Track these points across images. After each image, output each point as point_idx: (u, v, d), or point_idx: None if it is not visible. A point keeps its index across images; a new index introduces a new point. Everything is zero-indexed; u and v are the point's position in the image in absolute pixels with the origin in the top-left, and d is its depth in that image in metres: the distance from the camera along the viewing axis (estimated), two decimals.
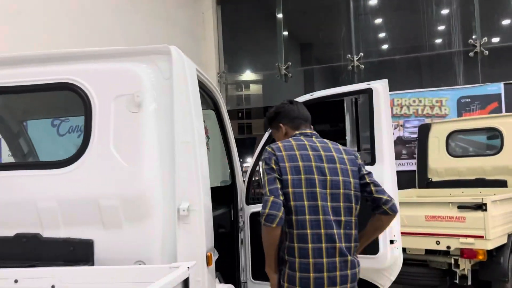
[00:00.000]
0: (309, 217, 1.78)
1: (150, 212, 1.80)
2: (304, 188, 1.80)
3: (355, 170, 1.91)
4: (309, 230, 1.77)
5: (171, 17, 7.27)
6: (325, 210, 1.80)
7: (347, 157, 1.92)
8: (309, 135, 1.97)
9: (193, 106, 1.90)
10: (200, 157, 1.88)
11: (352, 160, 1.92)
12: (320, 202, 1.80)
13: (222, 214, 2.88)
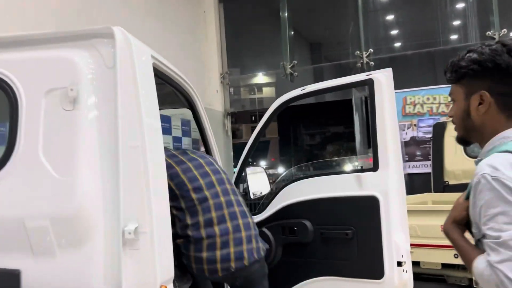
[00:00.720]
0: None
1: (88, 235, 1.43)
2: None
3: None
4: None
5: (170, 16, 6.94)
6: None
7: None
8: None
9: (145, 101, 1.52)
10: (154, 165, 1.50)
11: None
12: None
13: None
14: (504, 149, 1.12)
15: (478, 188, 1.09)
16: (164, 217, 1.54)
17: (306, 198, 2.26)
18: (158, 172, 1.54)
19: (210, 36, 8.08)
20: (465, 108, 1.23)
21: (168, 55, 6.42)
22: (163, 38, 6.57)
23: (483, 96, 1.19)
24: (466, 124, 1.24)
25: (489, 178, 1.06)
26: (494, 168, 1.08)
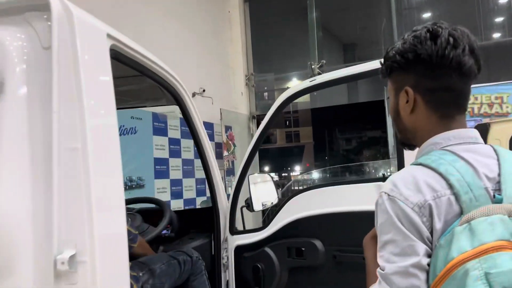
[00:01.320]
0: None
1: (8, 268, 1.10)
2: None
3: None
4: None
5: (193, 16, 6.68)
6: None
7: None
8: None
9: (91, 93, 1.18)
10: (101, 174, 1.16)
11: None
12: None
13: (200, 248, 2.14)
14: (419, 161, 0.94)
15: (376, 208, 0.94)
16: (114, 240, 1.20)
17: (316, 212, 1.86)
18: (107, 182, 1.19)
19: (235, 37, 7.78)
20: (395, 107, 1.06)
21: (190, 57, 6.20)
22: (186, 40, 6.31)
23: (408, 93, 1.00)
24: (398, 124, 1.07)
25: (385, 197, 0.91)
26: (394, 185, 0.91)
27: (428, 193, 0.87)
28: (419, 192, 0.87)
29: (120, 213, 1.23)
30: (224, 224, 2.12)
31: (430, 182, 0.88)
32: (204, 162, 2.06)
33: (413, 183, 0.89)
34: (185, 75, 6.24)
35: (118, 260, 1.20)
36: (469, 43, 0.95)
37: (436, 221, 0.85)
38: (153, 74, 1.68)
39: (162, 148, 5.72)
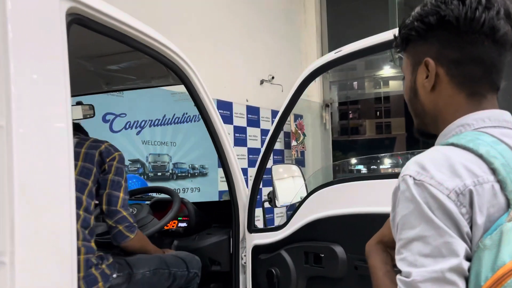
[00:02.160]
0: None
1: None
2: None
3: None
4: None
5: (268, 0, 6.45)
6: None
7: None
8: None
9: (21, 63, 1.00)
10: (27, 158, 0.98)
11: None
12: None
13: (217, 245, 1.92)
14: (450, 141, 0.76)
15: (397, 197, 0.74)
16: (47, 238, 1.00)
17: (340, 212, 1.53)
18: (40, 169, 1.00)
19: (309, 20, 7.41)
20: (412, 86, 0.88)
21: (259, 42, 5.97)
22: (254, 24, 6.11)
23: (428, 65, 0.82)
24: (414, 106, 0.88)
25: (411, 182, 0.71)
26: (421, 167, 0.72)
27: (467, 177, 0.69)
28: (456, 176, 0.69)
29: (60, 206, 1.03)
30: (243, 221, 1.87)
31: (468, 165, 0.70)
32: (219, 149, 1.82)
33: (447, 164, 0.70)
34: (253, 61, 6.09)
35: (53, 262, 1.01)
36: (505, 6, 0.78)
37: (478, 214, 0.68)
38: (145, 48, 1.47)
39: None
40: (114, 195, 1.61)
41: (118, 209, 1.61)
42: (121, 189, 1.64)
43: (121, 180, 1.65)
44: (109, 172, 1.63)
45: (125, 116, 4.43)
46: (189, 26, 5.03)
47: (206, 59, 5.22)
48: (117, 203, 1.61)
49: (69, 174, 1.07)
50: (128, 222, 1.63)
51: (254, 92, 6.01)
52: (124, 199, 1.64)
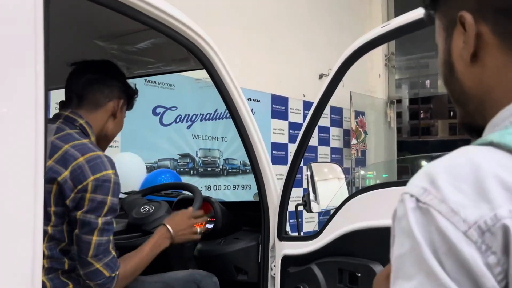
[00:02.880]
0: None
1: None
2: None
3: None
4: None
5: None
6: None
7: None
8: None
9: None
10: None
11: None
12: None
13: (244, 251, 1.70)
14: (490, 138, 0.47)
15: (393, 224, 0.48)
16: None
17: (381, 223, 1.24)
18: None
19: (374, 12, 6.97)
20: (445, 58, 0.57)
21: (319, 34, 5.69)
22: (313, 15, 5.82)
23: (465, 23, 0.52)
24: (452, 90, 0.58)
25: (410, 205, 0.45)
26: (431, 181, 0.45)
27: (504, 202, 0.42)
28: (484, 199, 0.42)
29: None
30: (273, 226, 1.63)
31: (510, 181, 0.42)
32: (247, 146, 1.59)
33: (473, 179, 0.43)
34: (312, 54, 5.79)
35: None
36: None
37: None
38: (157, 24, 1.27)
39: (281, 133, 5.36)
40: (85, 240, 1.21)
41: (89, 259, 1.22)
42: (95, 231, 1.21)
43: (98, 216, 1.21)
44: (78, 208, 1.21)
45: (176, 109, 4.34)
46: (245, 17, 4.85)
47: (261, 52, 5.02)
48: (88, 251, 1.21)
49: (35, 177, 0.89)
50: (101, 279, 1.23)
51: (312, 87, 5.71)
52: (99, 244, 1.22)
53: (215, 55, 1.46)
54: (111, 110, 1.40)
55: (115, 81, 1.42)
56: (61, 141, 1.26)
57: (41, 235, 0.87)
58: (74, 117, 1.33)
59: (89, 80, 1.38)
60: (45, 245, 1.22)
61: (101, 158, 1.24)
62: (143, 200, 1.76)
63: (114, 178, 1.24)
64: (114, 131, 1.45)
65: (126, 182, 2.66)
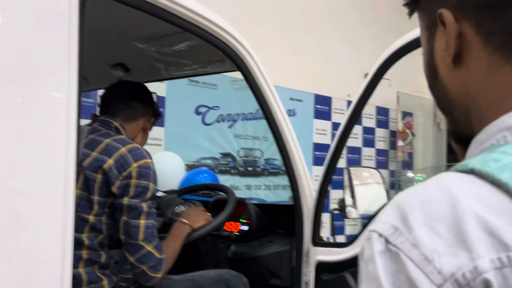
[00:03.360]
0: None
1: None
2: None
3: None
4: None
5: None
6: None
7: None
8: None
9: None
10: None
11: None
12: None
13: (277, 256, 1.68)
14: (471, 165, 0.38)
15: (360, 265, 0.41)
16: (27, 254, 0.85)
17: None
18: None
19: None
20: (428, 61, 0.52)
21: (365, 33, 5.55)
22: (359, 14, 5.69)
23: (445, 21, 0.46)
24: (437, 96, 0.53)
25: (378, 247, 0.38)
26: (402, 217, 0.38)
27: (486, 250, 0.35)
28: (463, 245, 0.35)
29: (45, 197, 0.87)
30: (307, 231, 1.59)
31: (494, 222, 0.35)
32: (281, 147, 1.56)
33: (450, 220, 0.36)
34: (357, 53, 5.67)
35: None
36: None
37: None
38: (192, 26, 1.27)
39: (324, 133, 5.28)
40: (133, 224, 1.28)
41: (140, 243, 1.28)
42: (142, 214, 1.28)
43: (142, 201, 1.29)
44: (124, 195, 1.28)
45: (218, 109, 4.37)
46: (288, 15, 4.81)
47: (304, 51, 4.97)
48: (137, 235, 1.28)
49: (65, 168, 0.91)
50: (153, 260, 1.29)
51: (356, 87, 5.55)
52: (147, 227, 1.29)
53: (249, 57, 1.44)
54: (142, 125, 1.53)
55: (148, 101, 1.55)
56: (101, 137, 1.36)
57: (71, 226, 0.89)
58: (109, 120, 1.44)
59: (126, 97, 1.51)
60: (86, 235, 1.29)
61: (140, 149, 1.35)
62: (178, 200, 1.78)
63: (152, 167, 1.35)
64: (141, 143, 1.56)
65: (164, 181, 2.71)
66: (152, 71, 1.77)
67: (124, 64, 1.76)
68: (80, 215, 1.27)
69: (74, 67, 0.92)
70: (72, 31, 0.92)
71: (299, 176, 1.60)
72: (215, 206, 1.83)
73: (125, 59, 1.76)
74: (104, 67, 1.82)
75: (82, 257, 1.27)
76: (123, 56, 1.74)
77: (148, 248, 1.28)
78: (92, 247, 1.29)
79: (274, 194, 4.71)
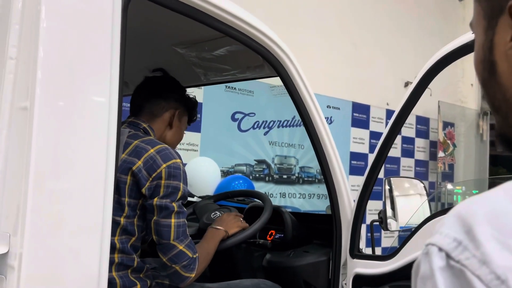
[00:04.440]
0: None
1: None
2: None
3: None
4: None
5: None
6: None
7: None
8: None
9: (52, 41, 0.87)
10: (48, 142, 0.84)
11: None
12: None
13: (314, 266, 1.64)
14: None
15: (415, 282, 0.37)
16: (68, 240, 0.85)
17: None
18: (65, 157, 0.86)
19: (468, 15, 6.49)
20: (485, 55, 0.44)
21: (406, 39, 5.44)
22: (400, 20, 5.57)
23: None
24: (492, 94, 0.45)
25: (438, 263, 0.34)
26: (467, 230, 0.33)
27: None
28: None
29: (95, 201, 0.88)
30: (345, 242, 1.55)
31: None
32: (319, 155, 1.53)
33: None
34: (397, 61, 5.54)
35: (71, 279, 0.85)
36: None
37: None
38: (233, 31, 1.27)
39: (361, 142, 5.18)
40: (164, 223, 1.27)
41: (172, 242, 1.27)
42: (173, 214, 1.27)
43: (173, 201, 1.28)
44: (154, 195, 1.27)
45: (254, 115, 4.36)
46: (328, 22, 4.76)
47: (343, 58, 4.90)
48: (169, 234, 1.27)
49: (109, 170, 0.91)
50: (186, 259, 1.28)
51: (396, 95, 5.45)
52: (178, 226, 1.28)
53: (290, 62, 1.42)
54: (167, 120, 1.50)
55: (172, 93, 1.51)
56: (130, 139, 1.36)
57: (109, 229, 0.89)
58: (137, 121, 1.45)
59: (147, 93, 1.50)
60: (117, 238, 1.28)
61: (168, 149, 1.34)
62: (214, 206, 1.77)
63: (182, 167, 1.33)
64: (173, 140, 1.52)
65: (200, 186, 2.72)
66: (192, 76, 1.77)
67: (164, 69, 1.77)
68: (112, 218, 1.27)
69: (115, 72, 0.93)
70: (114, 36, 0.93)
71: (338, 185, 1.55)
72: (250, 213, 1.81)
73: (165, 64, 1.76)
74: (145, 72, 1.84)
75: (114, 261, 1.26)
76: (163, 61, 1.75)
77: (180, 247, 1.27)
78: (124, 250, 1.29)
79: (309, 203, 4.64)
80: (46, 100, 0.84)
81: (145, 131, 1.43)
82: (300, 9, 4.52)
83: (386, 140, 1.44)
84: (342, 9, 4.93)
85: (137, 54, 1.67)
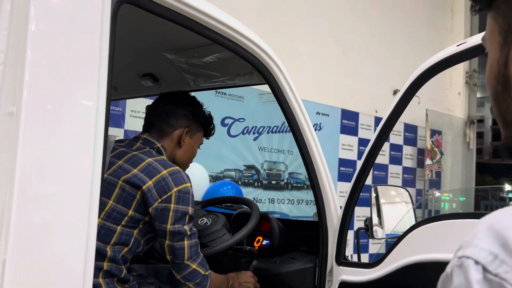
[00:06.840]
0: None
1: None
2: None
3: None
4: None
5: (403, 4, 5.93)
6: None
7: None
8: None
9: (41, 45, 0.87)
10: (34, 148, 0.84)
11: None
12: None
13: (300, 273, 1.65)
14: None
15: None
16: (48, 245, 0.85)
17: (447, 257, 1.13)
18: (50, 163, 0.86)
19: (456, 26, 6.60)
20: (500, 70, 0.45)
21: (395, 49, 5.51)
22: (390, 30, 5.63)
23: None
24: (504, 109, 0.46)
25: (476, 277, 0.34)
26: (503, 243, 0.34)
27: None
28: None
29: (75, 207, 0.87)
30: (331, 249, 1.56)
31: None
32: (307, 162, 1.54)
33: None
34: (386, 69, 5.60)
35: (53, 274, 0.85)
36: None
37: None
38: (221, 38, 1.27)
39: (350, 149, 5.21)
40: (178, 247, 1.32)
41: (186, 262, 1.33)
42: (185, 237, 1.32)
43: (184, 225, 1.32)
44: (163, 219, 1.30)
45: (244, 121, 4.37)
46: (318, 30, 4.80)
47: (333, 66, 4.94)
48: (183, 256, 1.32)
49: (94, 175, 0.91)
50: (199, 277, 1.35)
51: (385, 103, 5.50)
52: (191, 246, 1.33)
53: (278, 70, 1.43)
54: (176, 139, 1.50)
55: (183, 111, 1.51)
56: (144, 155, 1.37)
57: (94, 234, 0.89)
58: (152, 140, 1.46)
59: (159, 111, 1.50)
60: (110, 246, 1.29)
61: (180, 172, 1.36)
62: (202, 212, 1.77)
63: (191, 191, 1.36)
64: (182, 159, 1.54)
65: None
66: (181, 82, 1.78)
67: (153, 75, 1.77)
68: (109, 225, 1.28)
69: (104, 76, 0.93)
70: (103, 41, 0.93)
71: (325, 192, 1.56)
72: (237, 219, 1.81)
73: (154, 70, 1.77)
74: (134, 77, 1.83)
75: (103, 268, 1.27)
76: (153, 66, 1.75)
77: (193, 266, 1.34)
78: (115, 259, 1.29)
79: (298, 209, 4.66)
80: (33, 104, 0.84)
81: (158, 151, 1.44)
82: (291, 16, 4.55)
83: (373, 147, 1.46)
84: (333, 17, 4.98)
85: (127, 59, 1.67)
